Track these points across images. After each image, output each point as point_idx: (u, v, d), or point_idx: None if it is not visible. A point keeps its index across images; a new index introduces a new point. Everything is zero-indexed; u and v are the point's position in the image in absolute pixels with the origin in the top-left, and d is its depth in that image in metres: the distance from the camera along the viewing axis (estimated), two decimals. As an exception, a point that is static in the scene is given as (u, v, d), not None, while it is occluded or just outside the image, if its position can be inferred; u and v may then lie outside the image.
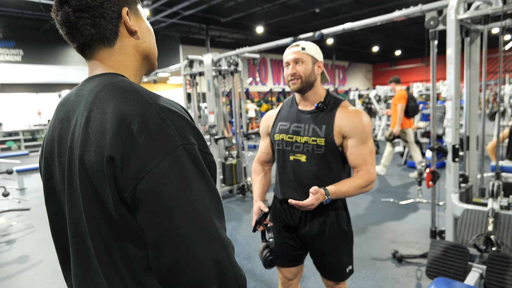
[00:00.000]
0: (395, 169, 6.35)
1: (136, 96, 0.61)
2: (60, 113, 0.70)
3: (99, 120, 0.60)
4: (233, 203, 4.88)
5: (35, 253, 3.46)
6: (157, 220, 0.55)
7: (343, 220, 1.55)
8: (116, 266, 0.61)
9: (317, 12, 12.57)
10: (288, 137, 1.53)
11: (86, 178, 0.60)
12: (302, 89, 1.48)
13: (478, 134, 2.86)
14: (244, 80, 5.39)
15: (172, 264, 0.55)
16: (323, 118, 1.48)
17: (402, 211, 4.16)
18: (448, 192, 2.61)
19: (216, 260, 0.56)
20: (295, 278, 1.70)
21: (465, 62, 2.75)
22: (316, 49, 1.51)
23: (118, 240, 0.60)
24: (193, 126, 0.62)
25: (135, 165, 0.55)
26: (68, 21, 0.66)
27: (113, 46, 0.69)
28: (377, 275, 2.70)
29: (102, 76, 0.67)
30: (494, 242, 2.13)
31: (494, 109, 7.61)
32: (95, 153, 0.58)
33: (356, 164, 1.46)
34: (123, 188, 0.56)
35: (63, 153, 0.66)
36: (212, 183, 0.61)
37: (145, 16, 0.76)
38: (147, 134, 0.56)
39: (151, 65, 0.77)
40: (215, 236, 0.57)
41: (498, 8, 2.30)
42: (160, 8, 10.78)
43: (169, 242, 0.55)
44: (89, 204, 0.61)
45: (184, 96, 5.59)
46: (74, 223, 0.65)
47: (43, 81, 15.61)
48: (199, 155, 0.60)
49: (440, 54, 2.66)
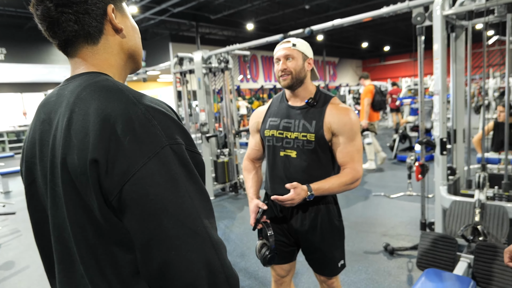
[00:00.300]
0: (386, 163, 6.44)
1: (120, 95, 0.59)
2: (41, 115, 0.67)
3: (81, 121, 0.57)
4: (225, 201, 4.89)
5: (22, 259, 3.37)
6: (144, 223, 0.54)
7: (334, 215, 1.57)
8: (103, 271, 0.59)
9: (307, 9, 12.59)
10: (278, 133, 1.54)
11: (69, 182, 0.58)
12: (292, 85, 1.50)
13: (465, 127, 2.93)
14: (235, 77, 5.37)
15: (162, 267, 0.54)
16: (313, 114, 1.49)
17: (393, 204, 4.23)
18: (437, 185, 2.67)
19: (206, 262, 0.55)
20: (287, 275, 1.71)
21: (451, 57, 2.81)
22: (307, 46, 1.53)
23: (105, 244, 0.58)
24: (180, 125, 0.61)
25: (120, 167, 0.53)
26: (49, 16, 0.63)
27: (97, 43, 0.67)
28: (370, 268, 2.75)
29: (84, 75, 0.65)
30: (481, 232, 2.19)
31: (479, 103, 7.76)
32: (78, 156, 0.56)
33: (343, 162, 1.49)
34: (108, 192, 0.55)
35: (45, 156, 0.64)
36: (200, 183, 0.60)
37: (130, 14, 0.74)
38: (132, 135, 0.55)
39: (136, 64, 0.75)
40: (205, 237, 0.56)
41: (481, 4, 2.36)
42: (149, 5, 10.66)
43: (158, 245, 0.54)
44: (73, 208, 0.59)
45: (175, 94, 5.56)
46: (58, 229, 0.63)
47: (28, 80, 15.30)
48: (186, 155, 0.59)
49: (427, 49, 2.71)
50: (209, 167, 4.91)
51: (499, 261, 1.95)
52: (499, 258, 1.96)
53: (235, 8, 11.95)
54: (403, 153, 6.68)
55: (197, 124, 5.16)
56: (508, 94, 2.59)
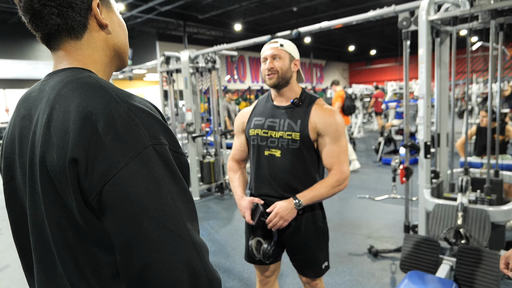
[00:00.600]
0: (371, 166, 6.51)
1: (102, 93, 0.57)
2: (21, 110, 0.65)
3: (61, 118, 0.56)
4: (211, 201, 4.85)
5: (2, 258, 3.30)
6: (125, 225, 0.53)
7: (318, 217, 1.58)
8: (83, 272, 0.58)
9: (295, 11, 12.65)
10: (263, 132, 1.54)
11: (48, 181, 0.56)
12: (278, 85, 1.51)
13: (448, 132, 2.98)
14: (222, 77, 5.35)
15: (142, 269, 0.53)
16: (298, 113, 1.50)
17: (377, 206, 4.27)
18: (421, 188, 2.70)
19: (188, 264, 0.54)
20: (272, 275, 1.71)
21: (436, 62, 2.85)
22: (294, 47, 1.54)
23: (84, 245, 0.57)
24: (164, 125, 0.59)
25: (101, 167, 0.52)
26: (31, 8, 0.61)
27: (80, 38, 0.65)
28: (354, 270, 2.76)
29: (66, 70, 0.63)
30: (463, 235, 2.22)
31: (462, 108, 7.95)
32: (57, 154, 0.54)
33: (329, 163, 1.49)
34: (87, 192, 0.53)
35: (24, 153, 0.62)
36: (184, 185, 0.59)
37: (117, 10, 0.72)
38: (114, 134, 0.53)
39: (121, 61, 0.74)
40: (186, 239, 0.55)
41: (465, 10, 2.40)
42: (136, 3, 10.51)
43: (138, 248, 0.52)
44: (51, 208, 0.57)
45: (161, 94, 5.49)
46: (37, 228, 0.62)
47: (11, 76, 14.89)
48: (170, 155, 0.57)
49: (412, 54, 2.74)
50: (195, 167, 4.86)
51: (481, 264, 1.98)
52: (481, 261, 1.99)
53: (223, 8, 11.91)
54: (388, 156, 6.77)
55: (183, 124, 5.09)
56: (491, 99, 2.64)
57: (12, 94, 15.31)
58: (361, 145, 9.12)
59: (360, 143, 9.51)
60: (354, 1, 12.17)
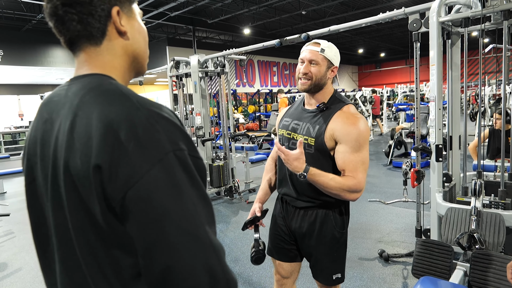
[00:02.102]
0: (381, 169, 6.44)
1: (124, 100, 0.59)
2: (44, 114, 0.68)
3: (84, 125, 0.58)
4: (220, 205, 4.85)
5: (15, 260, 3.35)
6: (147, 229, 0.54)
7: (335, 225, 1.53)
8: (105, 273, 0.60)
9: (304, 14, 12.66)
10: (287, 133, 1.56)
11: (72, 185, 0.58)
12: (309, 90, 1.48)
13: (460, 134, 2.93)
14: (231, 81, 5.38)
15: (164, 273, 0.54)
16: (319, 119, 1.46)
17: (388, 210, 4.21)
18: (433, 191, 2.66)
19: (208, 268, 0.55)
20: (289, 277, 1.68)
21: (447, 64, 2.81)
22: (335, 52, 1.47)
23: (106, 248, 0.59)
24: (183, 131, 0.61)
25: (124, 173, 0.54)
26: (55, 14, 0.64)
27: (99, 45, 0.67)
28: (365, 275, 2.72)
29: (88, 77, 0.65)
30: (477, 240, 2.17)
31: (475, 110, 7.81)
32: (81, 160, 0.56)
33: (342, 168, 1.41)
34: (111, 197, 0.55)
35: (46, 156, 0.64)
36: (203, 189, 0.60)
37: (139, 16, 0.74)
38: (136, 141, 0.54)
39: (140, 67, 0.75)
40: (207, 243, 0.56)
41: (477, 11, 2.36)
42: (147, 9, 10.67)
43: (160, 251, 0.54)
44: (74, 211, 0.59)
45: (171, 98, 5.54)
46: (60, 229, 0.63)
47: (25, 82, 15.23)
48: (189, 161, 0.59)
49: (423, 56, 2.71)
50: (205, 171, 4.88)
51: (495, 270, 1.93)
52: (496, 267, 1.94)
53: (232, 12, 11.99)
54: (399, 159, 6.69)
55: (193, 128, 5.13)
56: (504, 101, 2.59)
57: (26, 99, 15.65)
58: (371, 148, 9.04)
59: (370, 146, 9.42)
60: (363, 4, 12.13)
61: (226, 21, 13.27)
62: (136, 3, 0.74)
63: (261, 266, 2.77)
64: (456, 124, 2.88)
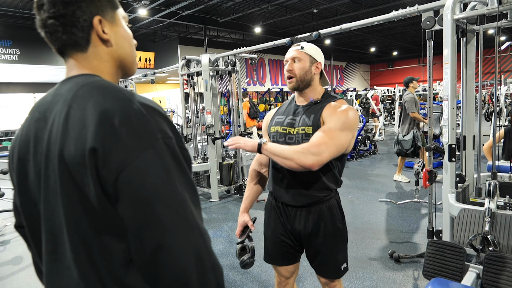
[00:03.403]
0: (392, 169, 6.36)
1: (117, 93, 0.63)
2: (35, 114, 0.71)
3: (79, 115, 0.61)
4: (230, 203, 4.87)
5: (29, 254, 3.42)
6: (139, 209, 0.57)
7: (338, 218, 1.56)
8: (93, 261, 0.62)
9: (315, 13, 12.58)
10: (282, 129, 1.56)
11: (66, 173, 0.60)
12: (297, 87, 1.52)
13: (475, 134, 2.87)
14: (241, 80, 5.39)
15: (154, 252, 0.57)
16: (313, 109, 1.51)
17: (399, 211, 4.16)
18: (445, 192, 2.62)
19: (195, 249, 0.58)
20: (291, 276, 1.70)
21: (462, 63, 2.76)
22: (316, 50, 1.54)
23: (97, 233, 0.61)
24: (170, 122, 0.65)
25: (118, 156, 0.57)
26: (44, 26, 0.69)
27: (85, 51, 0.71)
28: (375, 275, 2.70)
29: (79, 76, 0.69)
30: (490, 242, 2.13)
31: (490, 109, 7.65)
32: (75, 146, 0.59)
33: (311, 140, 1.39)
34: (105, 180, 0.58)
35: (38, 152, 0.67)
36: (189, 176, 0.64)
37: (124, 21, 0.76)
38: (129, 128, 0.58)
39: (127, 70, 0.78)
40: (194, 226, 0.59)
41: (493, 8, 2.31)
42: (158, 8, 10.76)
43: (151, 231, 0.57)
44: (68, 199, 0.61)
45: (182, 96, 5.58)
46: (48, 221, 0.66)
47: (40, 80, 15.54)
48: (177, 149, 0.63)
49: (436, 54, 2.66)
50: (214, 169, 4.90)
51: (509, 273, 1.89)
52: (510, 270, 1.90)
53: (243, 11, 12.00)
54: (411, 159, 6.59)
55: (203, 126, 5.15)
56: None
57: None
58: (383, 148, 8.94)
59: (382, 145, 9.32)
60: (375, 2, 11.99)
61: (237, 20, 13.28)
62: (120, 8, 0.76)
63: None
64: (470, 124, 2.83)
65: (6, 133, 12.48)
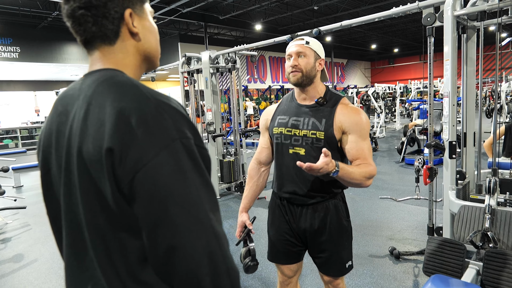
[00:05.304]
0: (393, 166, 6.36)
1: (135, 90, 0.62)
2: (58, 107, 0.71)
3: (97, 113, 0.61)
4: (231, 200, 4.88)
5: (31, 252, 3.45)
6: (152, 209, 0.57)
7: (343, 215, 1.56)
8: (111, 256, 0.62)
9: (316, 10, 12.54)
10: (286, 131, 1.53)
11: (84, 170, 0.61)
12: (301, 83, 1.48)
13: (475, 131, 2.87)
14: (242, 77, 5.39)
15: (167, 251, 0.57)
16: (323, 112, 1.48)
17: (399, 208, 4.17)
18: (445, 189, 2.62)
19: (208, 251, 0.58)
20: (294, 275, 1.70)
21: (462, 59, 2.75)
22: (319, 45, 1.52)
23: (114, 230, 0.62)
24: (189, 121, 0.64)
25: (133, 156, 0.57)
26: (72, 16, 0.68)
27: (113, 44, 0.70)
28: (375, 272, 2.70)
29: (101, 71, 0.69)
30: (491, 239, 2.13)
31: (491, 106, 7.63)
32: (93, 144, 0.59)
33: (356, 156, 1.44)
34: (120, 179, 0.58)
35: (60, 146, 0.67)
36: (207, 177, 0.63)
37: (150, 15, 0.76)
38: (146, 127, 0.58)
39: (151, 64, 0.78)
40: (208, 227, 0.59)
41: (494, 4, 2.30)
42: (159, 6, 10.74)
43: (164, 230, 0.57)
44: (86, 195, 0.62)
45: (182, 94, 5.58)
46: (70, 215, 0.67)
47: (41, 78, 15.55)
48: (195, 149, 0.62)
49: (437, 51, 2.66)
50: (215, 166, 4.91)
51: (509, 269, 1.90)
52: (510, 266, 1.90)
53: (244, 8, 11.96)
54: (411, 156, 6.59)
55: (204, 124, 5.16)
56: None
57: (42, 95, 15.98)
58: (384, 145, 8.94)
59: (382, 142, 9.31)
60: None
61: (238, 17, 13.25)
62: (148, 2, 0.76)
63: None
64: (471, 121, 2.83)
65: (7, 131, 12.48)
